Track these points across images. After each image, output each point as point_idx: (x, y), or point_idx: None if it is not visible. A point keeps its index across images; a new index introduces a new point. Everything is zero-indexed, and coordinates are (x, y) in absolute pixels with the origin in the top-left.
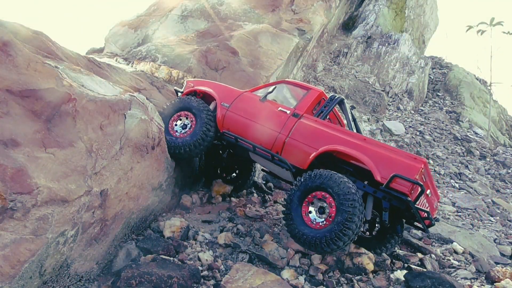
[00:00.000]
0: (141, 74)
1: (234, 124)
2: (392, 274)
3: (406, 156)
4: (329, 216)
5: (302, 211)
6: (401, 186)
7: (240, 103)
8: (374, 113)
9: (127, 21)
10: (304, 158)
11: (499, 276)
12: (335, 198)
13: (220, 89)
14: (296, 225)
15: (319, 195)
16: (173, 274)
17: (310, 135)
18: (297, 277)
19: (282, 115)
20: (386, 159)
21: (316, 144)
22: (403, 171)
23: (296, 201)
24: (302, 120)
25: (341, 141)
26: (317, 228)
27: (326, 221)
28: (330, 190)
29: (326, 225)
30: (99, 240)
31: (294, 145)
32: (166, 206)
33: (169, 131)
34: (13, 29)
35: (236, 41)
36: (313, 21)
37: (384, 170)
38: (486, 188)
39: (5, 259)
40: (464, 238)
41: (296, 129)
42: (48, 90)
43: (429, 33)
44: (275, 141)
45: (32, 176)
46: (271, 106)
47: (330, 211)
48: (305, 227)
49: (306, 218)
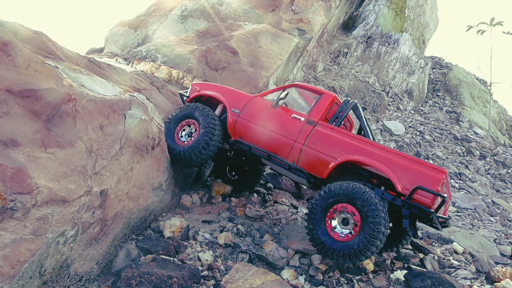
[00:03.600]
0: (141, 74)
1: (246, 132)
2: (392, 274)
3: (427, 167)
4: (355, 225)
5: (327, 226)
6: (424, 198)
7: (251, 109)
8: (374, 113)
9: (127, 21)
10: (322, 167)
11: (499, 276)
12: (359, 209)
13: (229, 93)
14: (323, 241)
15: (339, 207)
16: (173, 274)
17: (327, 144)
18: (297, 277)
19: (297, 122)
20: (407, 169)
21: (334, 153)
22: (425, 182)
23: (319, 217)
24: (318, 128)
25: (359, 150)
26: (345, 240)
27: (353, 230)
28: (354, 203)
29: (354, 235)
30: (99, 240)
31: (311, 154)
32: (166, 206)
33: (175, 140)
34: (13, 29)
35: (236, 41)
36: (313, 21)
37: (406, 181)
38: (486, 188)
39: (5, 259)
40: (464, 238)
41: (312, 137)
42: (48, 90)
43: (429, 33)
44: (291, 150)
45: (32, 176)
46: (284, 113)
47: (354, 221)
48: (333, 242)
49: (332, 233)
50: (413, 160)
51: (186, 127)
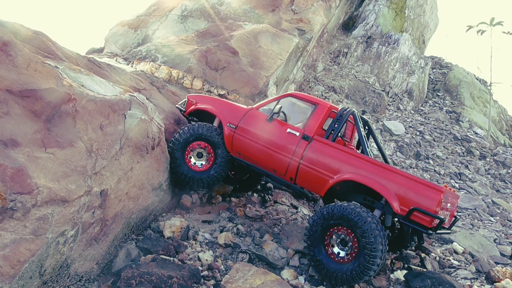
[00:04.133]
0: (141, 74)
1: (244, 148)
2: (392, 274)
3: (425, 186)
4: (353, 248)
5: (326, 249)
6: (421, 218)
7: (246, 124)
8: (374, 113)
9: (127, 21)
10: (320, 186)
11: (499, 276)
12: (358, 238)
13: (224, 107)
14: (324, 264)
15: (339, 229)
16: (173, 274)
17: (323, 162)
18: (297, 277)
19: (292, 138)
20: (404, 189)
21: (331, 171)
22: (422, 202)
23: (318, 240)
24: (313, 144)
25: (355, 168)
26: (344, 262)
27: (353, 252)
28: (354, 230)
29: (353, 257)
30: (99, 240)
31: (308, 172)
32: (166, 206)
33: (188, 164)
34: (13, 29)
35: (236, 41)
36: (313, 21)
37: (403, 201)
38: (486, 188)
39: (5, 259)
40: (464, 238)
41: (308, 153)
42: (48, 90)
43: (429, 33)
44: (288, 167)
45: (32, 176)
46: (279, 127)
47: (353, 243)
48: (333, 264)
49: (331, 255)
50: (411, 179)
51: (194, 150)
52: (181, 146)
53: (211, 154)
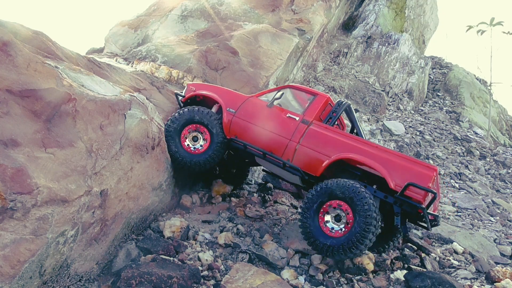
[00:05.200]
0: (141, 74)
1: (241, 131)
2: (392, 274)
3: (419, 164)
4: (347, 223)
5: (320, 222)
6: (416, 194)
7: (246, 108)
8: (374, 113)
9: (127, 21)
10: (316, 165)
11: (499, 276)
12: (352, 207)
13: (224, 93)
14: (316, 236)
15: (334, 204)
16: (173, 274)
17: (322, 143)
18: (297, 277)
19: (292, 122)
20: (399, 167)
21: (328, 152)
22: (416, 179)
23: (312, 212)
24: (312, 127)
25: (353, 149)
26: (337, 236)
27: (345, 227)
28: (347, 200)
29: (345, 232)
30: (99, 240)
31: (306, 153)
32: (166, 206)
33: (184, 147)
34: (13, 29)
35: (236, 41)
36: (313, 21)
37: (398, 178)
38: (486, 188)
39: (5, 259)
40: (464, 238)
41: (307, 136)
42: (48, 90)
43: (429, 33)
44: (285, 148)
45: (32, 176)
46: (279, 112)
47: (347, 218)
48: (326, 238)
49: (324, 228)
50: (405, 158)
51: (190, 133)
52: (176, 130)
53: (207, 138)
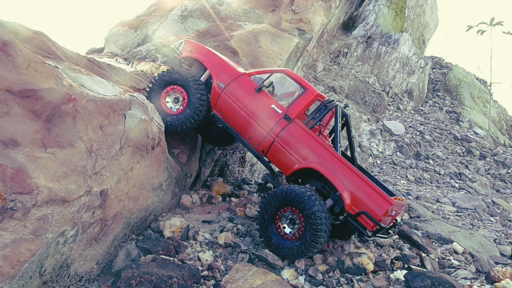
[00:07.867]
0: (141, 74)
1: (226, 109)
2: (392, 274)
3: (378, 194)
4: (300, 227)
5: (276, 226)
6: (365, 222)
7: (236, 87)
8: (374, 113)
9: (127, 21)
10: (287, 166)
11: (499, 276)
12: (303, 212)
13: (217, 63)
14: (273, 240)
15: (286, 210)
16: (173, 274)
17: (296, 145)
18: (297, 277)
19: (274, 114)
20: (360, 191)
21: (301, 156)
22: (372, 207)
23: (270, 218)
24: (292, 126)
25: (323, 160)
26: (292, 239)
27: (299, 230)
28: (299, 206)
29: (300, 235)
30: (99, 240)
31: (280, 151)
32: (166, 206)
33: (163, 109)
34: (13, 29)
35: (236, 41)
36: (313, 21)
37: (355, 201)
38: (486, 188)
39: (5, 259)
40: (464, 238)
41: (285, 133)
42: (48, 90)
43: (429, 33)
44: (263, 140)
45: (32, 176)
46: (265, 100)
47: (300, 222)
48: (283, 241)
49: (281, 232)
50: (367, 184)
51: (169, 95)
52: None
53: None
